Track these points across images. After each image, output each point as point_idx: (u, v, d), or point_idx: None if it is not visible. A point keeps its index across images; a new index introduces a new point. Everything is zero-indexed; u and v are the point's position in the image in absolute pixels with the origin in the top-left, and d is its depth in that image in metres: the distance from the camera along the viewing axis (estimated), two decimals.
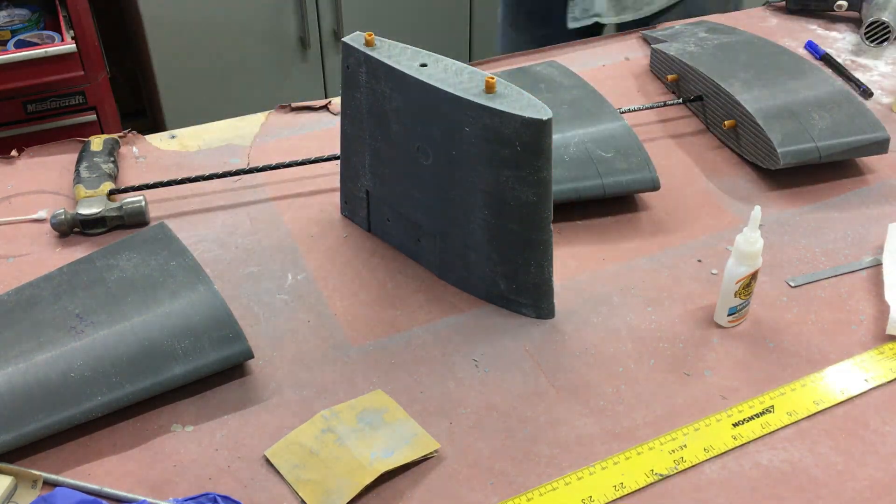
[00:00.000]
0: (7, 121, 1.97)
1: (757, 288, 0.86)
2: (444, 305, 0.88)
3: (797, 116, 1.05)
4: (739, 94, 1.08)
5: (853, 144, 1.04)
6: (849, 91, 1.10)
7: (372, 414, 0.76)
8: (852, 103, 1.08)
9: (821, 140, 1.03)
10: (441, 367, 0.82)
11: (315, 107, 1.19)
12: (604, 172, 0.98)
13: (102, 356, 0.76)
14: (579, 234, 0.98)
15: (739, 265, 0.82)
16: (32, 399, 0.73)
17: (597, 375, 0.81)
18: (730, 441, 0.75)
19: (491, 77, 0.78)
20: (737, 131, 1.09)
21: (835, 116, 1.06)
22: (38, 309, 0.81)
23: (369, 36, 0.85)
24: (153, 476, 0.72)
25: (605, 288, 0.91)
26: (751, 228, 0.81)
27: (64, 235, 0.95)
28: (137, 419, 0.76)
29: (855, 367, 0.82)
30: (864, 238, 0.98)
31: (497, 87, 0.78)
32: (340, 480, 0.70)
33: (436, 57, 0.83)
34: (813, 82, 1.11)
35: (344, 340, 0.84)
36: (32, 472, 0.70)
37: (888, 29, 1.31)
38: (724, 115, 1.10)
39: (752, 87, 1.09)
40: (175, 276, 0.83)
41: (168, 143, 1.11)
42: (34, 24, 2.03)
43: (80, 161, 1.02)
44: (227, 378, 0.80)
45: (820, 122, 1.05)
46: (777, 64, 1.15)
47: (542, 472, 0.72)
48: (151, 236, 0.88)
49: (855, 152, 1.05)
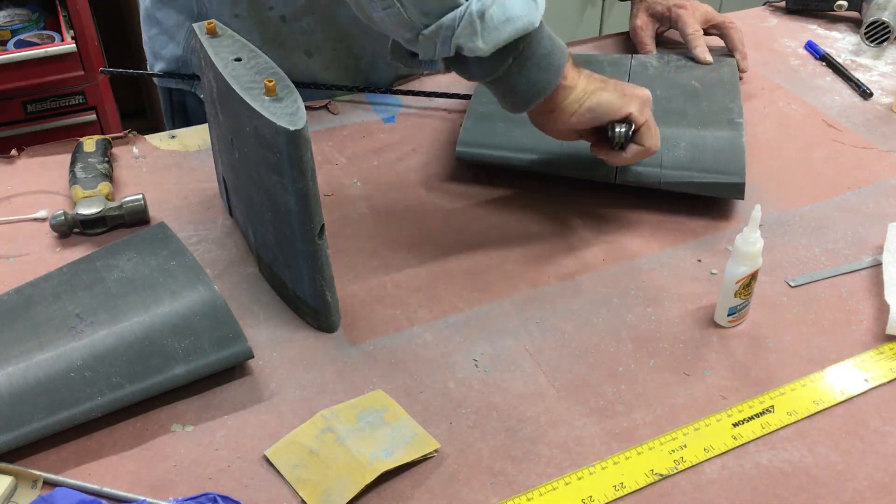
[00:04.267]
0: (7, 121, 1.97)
1: (757, 288, 0.86)
2: (444, 305, 0.88)
3: (663, 143, 0.99)
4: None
5: (700, 180, 0.98)
6: (739, 132, 1.03)
7: (372, 414, 0.76)
8: (733, 145, 1.01)
9: (667, 170, 0.99)
10: (441, 367, 0.82)
11: (315, 107, 1.19)
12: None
13: (102, 356, 0.76)
14: (579, 234, 0.98)
15: (739, 265, 0.82)
16: (32, 399, 0.73)
17: (597, 375, 0.81)
18: (730, 441, 0.75)
19: (270, 80, 0.76)
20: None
21: (701, 152, 1.00)
22: (38, 309, 0.81)
23: (210, 25, 0.86)
24: (153, 476, 0.72)
25: (604, 288, 0.91)
26: (751, 228, 0.81)
27: (64, 236, 0.95)
28: (137, 419, 0.76)
29: (855, 367, 0.82)
30: (864, 238, 0.98)
31: (277, 91, 0.76)
32: (340, 480, 0.70)
33: (257, 54, 0.83)
34: (718, 115, 1.07)
35: (344, 340, 0.84)
36: (32, 472, 0.70)
37: (888, 29, 1.31)
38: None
39: (654, 108, 1.02)
40: (175, 276, 0.83)
41: (168, 143, 1.11)
42: (34, 24, 2.03)
43: (73, 162, 1.02)
44: (227, 378, 0.80)
45: (679, 152, 1.00)
46: (707, 92, 1.12)
47: (542, 472, 0.72)
48: (151, 236, 0.89)
49: (704, 189, 0.98)
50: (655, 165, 1.00)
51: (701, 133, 1.04)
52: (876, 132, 1.17)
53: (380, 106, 1.20)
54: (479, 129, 1.05)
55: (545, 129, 0.94)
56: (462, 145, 1.04)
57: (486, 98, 1.09)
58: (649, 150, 0.93)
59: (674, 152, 1.01)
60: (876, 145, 1.14)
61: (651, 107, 0.94)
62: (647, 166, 1.00)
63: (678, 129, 1.04)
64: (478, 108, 1.08)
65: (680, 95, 1.12)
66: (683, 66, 1.21)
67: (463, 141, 1.04)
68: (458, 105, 1.19)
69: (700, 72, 1.19)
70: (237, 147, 0.83)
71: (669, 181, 0.99)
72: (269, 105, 0.75)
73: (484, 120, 1.06)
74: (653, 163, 1.00)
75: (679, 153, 1.01)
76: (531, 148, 1.02)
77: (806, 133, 1.16)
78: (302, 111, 0.75)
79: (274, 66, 0.81)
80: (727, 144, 1.02)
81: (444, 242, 0.97)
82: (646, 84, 1.02)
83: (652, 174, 1.00)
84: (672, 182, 0.99)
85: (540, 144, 1.02)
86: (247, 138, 0.79)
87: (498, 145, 1.03)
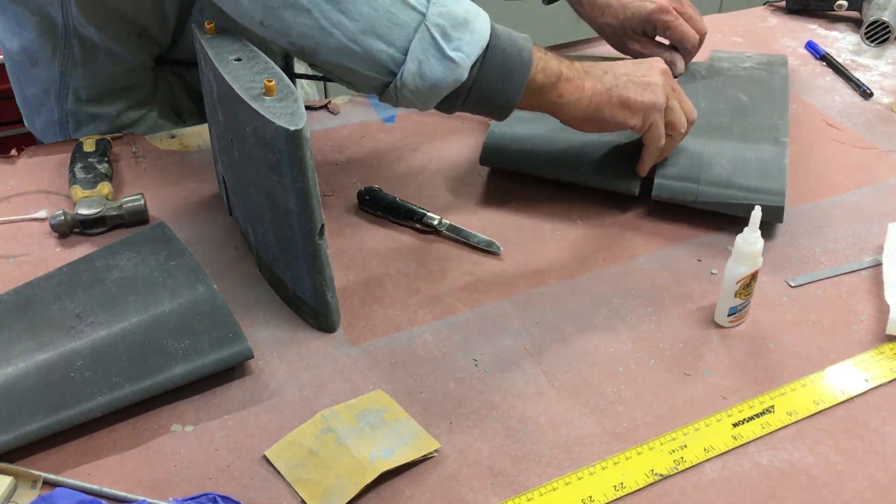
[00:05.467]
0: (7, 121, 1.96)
1: (757, 288, 0.86)
2: (444, 305, 0.88)
3: (703, 158, 0.99)
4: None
5: (738, 200, 0.95)
6: (783, 151, 1.00)
7: (372, 414, 0.76)
8: (775, 165, 0.98)
9: (705, 186, 0.97)
10: (441, 367, 0.82)
11: (315, 106, 1.19)
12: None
13: (102, 356, 0.76)
14: (579, 234, 0.98)
15: (739, 265, 0.82)
16: (32, 399, 0.73)
17: (597, 375, 0.81)
18: (730, 441, 0.75)
19: (270, 80, 0.76)
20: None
21: (741, 170, 0.97)
22: (38, 309, 0.81)
23: (209, 24, 0.86)
24: (153, 476, 0.72)
25: (605, 288, 0.91)
26: (751, 229, 0.81)
27: (64, 236, 0.95)
28: (137, 419, 0.76)
29: (855, 367, 0.82)
30: (864, 238, 0.98)
31: (276, 91, 0.76)
32: (340, 480, 0.70)
33: (257, 54, 0.83)
34: (763, 133, 1.04)
35: (344, 340, 0.84)
36: (32, 472, 0.70)
37: (888, 29, 1.31)
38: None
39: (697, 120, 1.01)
40: (175, 276, 0.83)
41: (168, 143, 1.11)
42: None
43: (73, 162, 1.02)
44: (227, 378, 0.80)
45: (719, 170, 0.97)
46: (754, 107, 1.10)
47: (542, 472, 0.72)
48: (151, 236, 0.89)
49: (741, 210, 0.94)
50: (693, 181, 0.97)
51: (743, 150, 1.00)
52: (876, 132, 1.17)
53: (380, 106, 1.20)
54: (502, 136, 1.05)
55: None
56: (486, 151, 1.04)
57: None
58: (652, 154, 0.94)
59: (713, 169, 0.98)
60: (876, 145, 1.14)
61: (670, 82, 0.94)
62: (683, 181, 0.97)
63: (720, 145, 1.01)
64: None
65: (726, 110, 1.09)
66: (733, 76, 1.17)
67: (487, 147, 1.04)
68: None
69: (748, 84, 1.15)
70: (237, 147, 0.83)
71: (706, 199, 0.96)
72: (269, 105, 0.75)
73: (506, 127, 1.04)
74: (690, 178, 0.97)
75: (719, 170, 0.98)
76: (555, 160, 1.01)
77: (806, 133, 1.16)
78: (302, 111, 0.75)
79: (274, 67, 0.81)
80: (769, 164, 0.98)
81: (443, 242, 0.96)
82: (691, 95, 1.00)
83: (688, 190, 0.97)
84: (709, 201, 0.96)
85: (562, 155, 1.01)
86: (247, 138, 0.79)
87: (521, 154, 1.03)
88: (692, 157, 1.00)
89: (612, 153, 1.01)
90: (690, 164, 0.99)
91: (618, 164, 1.00)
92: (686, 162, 0.99)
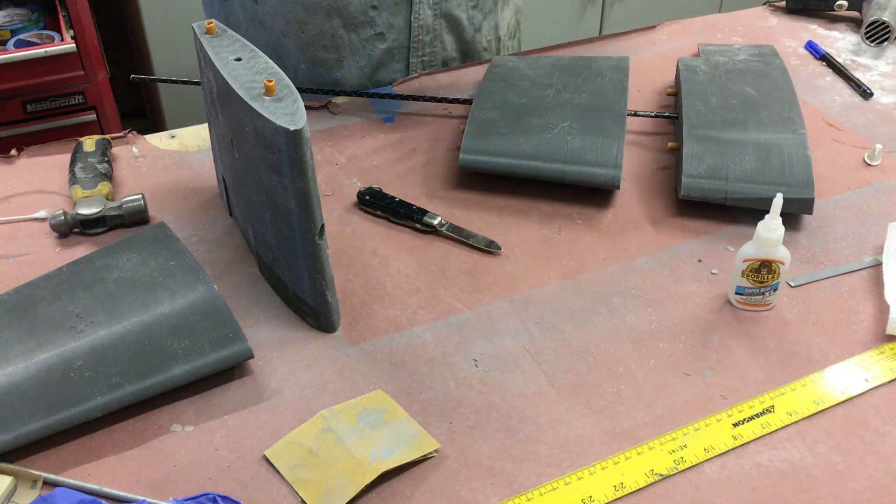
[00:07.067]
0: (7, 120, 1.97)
1: None
2: (444, 305, 0.88)
3: (726, 154, 0.99)
4: (688, 120, 1.05)
5: (768, 195, 0.93)
6: (803, 142, 1.01)
7: (372, 414, 0.76)
8: (800, 157, 0.99)
9: (733, 182, 0.97)
10: (441, 367, 0.82)
11: (315, 106, 1.19)
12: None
13: (102, 356, 0.76)
14: (579, 234, 0.98)
15: (751, 245, 0.83)
16: (32, 399, 0.73)
17: (597, 375, 0.81)
18: (730, 441, 0.75)
19: (270, 80, 0.76)
20: (677, 154, 1.07)
21: (767, 164, 0.98)
22: (38, 309, 0.81)
23: (209, 24, 0.86)
24: (153, 476, 0.72)
25: (605, 288, 0.91)
26: (772, 216, 0.81)
27: (64, 236, 0.95)
28: (137, 419, 0.76)
29: (855, 367, 0.82)
30: (864, 238, 0.98)
31: (276, 91, 0.76)
32: (340, 480, 0.70)
33: (257, 54, 0.83)
34: (779, 125, 1.04)
35: (344, 340, 0.84)
36: (32, 472, 0.70)
37: (888, 29, 1.31)
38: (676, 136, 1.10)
39: (711, 116, 1.03)
40: (175, 276, 0.83)
41: (168, 143, 1.11)
42: (34, 24, 2.03)
43: (73, 162, 1.02)
44: (227, 378, 0.80)
45: (745, 165, 0.98)
46: (764, 100, 1.10)
47: (542, 472, 0.72)
48: (151, 236, 0.89)
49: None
50: (721, 178, 0.97)
51: (765, 144, 1.00)
52: (876, 132, 1.17)
53: (380, 106, 1.20)
54: (481, 136, 1.04)
55: None
56: (465, 153, 1.03)
57: (488, 104, 1.09)
58: None
59: (740, 165, 0.98)
60: (876, 145, 1.14)
61: None
62: (712, 179, 0.97)
63: (741, 140, 1.01)
64: (479, 115, 1.07)
65: (737, 104, 1.09)
66: (732, 70, 1.17)
67: (466, 149, 1.03)
68: (458, 105, 1.19)
69: (751, 77, 1.15)
70: (237, 147, 0.83)
71: (736, 196, 0.96)
72: (268, 105, 0.75)
73: (486, 126, 1.05)
74: (718, 175, 0.97)
75: (745, 165, 0.98)
76: (534, 155, 1.02)
77: (806, 133, 1.16)
78: (302, 111, 0.75)
79: (274, 66, 0.81)
80: (793, 156, 0.99)
81: (443, 242, 0.97)
82: (699, 91, 1.00)
83: (718, 189, 0.97)
84: (739, 198, 0.96)
85: (543, 152, 1.01)
86: (247, 138, 0.79)
87: (501, 153, 1.02)
88: (716, 155, 1.00)
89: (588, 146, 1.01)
90: (715, 162, 0.99)
91: (595, 157, 1.00)
92: (711, 159, 0.99)
